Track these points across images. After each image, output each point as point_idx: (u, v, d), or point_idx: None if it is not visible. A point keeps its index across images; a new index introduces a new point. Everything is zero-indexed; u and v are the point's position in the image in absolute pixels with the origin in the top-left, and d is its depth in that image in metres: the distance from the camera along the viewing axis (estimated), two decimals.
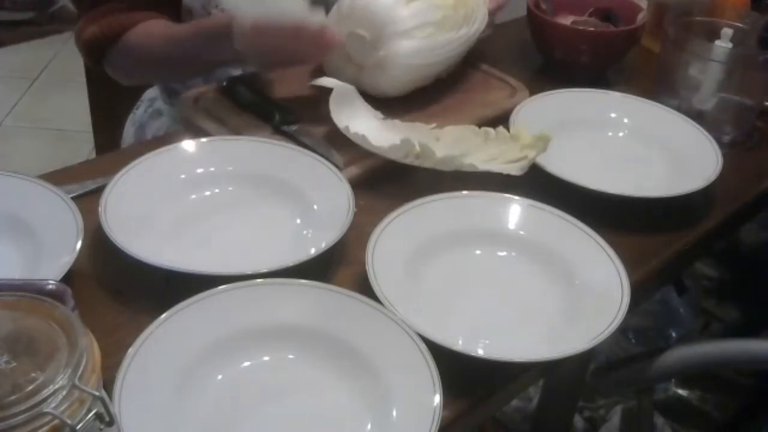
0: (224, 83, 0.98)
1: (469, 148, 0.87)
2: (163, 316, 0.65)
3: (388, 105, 0.95)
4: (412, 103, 0.99)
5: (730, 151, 0.99)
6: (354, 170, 0.87)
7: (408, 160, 0.86)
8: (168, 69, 1.09)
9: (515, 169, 0.84)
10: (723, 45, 1.02)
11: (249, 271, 0.70)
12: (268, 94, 0.98)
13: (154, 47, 1.04)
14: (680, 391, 1.55)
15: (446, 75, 1.04)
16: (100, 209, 0.75)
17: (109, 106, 1.36)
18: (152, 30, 1.04)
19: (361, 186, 0.84)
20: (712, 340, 1.18)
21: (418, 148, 0.84)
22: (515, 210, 0.83)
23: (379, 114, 0.94)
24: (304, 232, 0.80)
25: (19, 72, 2.87)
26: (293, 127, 0.92)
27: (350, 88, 0.93)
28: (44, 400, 0.43)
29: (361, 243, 0.75)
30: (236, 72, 1.08)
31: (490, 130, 0.89)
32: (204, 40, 0.99)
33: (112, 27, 1.03)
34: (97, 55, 1.07)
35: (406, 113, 0.96)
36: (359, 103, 0.93)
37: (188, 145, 0.87)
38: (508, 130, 0.90)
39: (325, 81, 0.93)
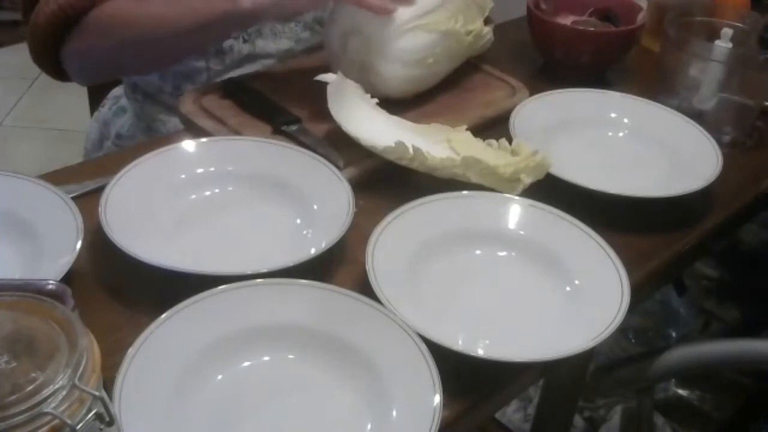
0: (224, 83, 0.98)
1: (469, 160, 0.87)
2: (163, 316, 0.65)
3: (389, 104, 0.95)
4: (412, 102, 0.99)
5: (730, 151, 0.99)
6: (354, 170, 0.87)
7: (403, 163, 0.86)
8: (153, 44, 0.97)
9: (508, 190, 0.84)
10: (723, 45, 1.02)
11: (249, 271, 0.70)
12: (268, 94, 0.98)
13: (138, 15, 0.95)
14: (680, 391, 1.55)
15: (447, 77, 1.04)
16: (100, 209, 0.75)
17: None
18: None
19: (361, 186, 0.84)
20: (712, 340, 1.18)
21: (411, 152, 0.84)
22: (515, 210, 0.83)
23: (383, 112, 0.94)
24: (304, 232, 0.80)
25: (19, 72, 2.87)
26: (293, 127, 0.92)
27: (350, 83, 0.92)
28: (44, 400, 0.43)
29: (361, 243, 0.75)
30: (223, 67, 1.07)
31: (493, 142, 0.89)
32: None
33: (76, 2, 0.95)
34: (54, 41, 0.98)
35: (406, 112, 0.96)
36: (359, 100, 0.93)
37: (188, 145, 0.87)
38: (509, 132, 0.90)
39: (328, 77, 0.93)
